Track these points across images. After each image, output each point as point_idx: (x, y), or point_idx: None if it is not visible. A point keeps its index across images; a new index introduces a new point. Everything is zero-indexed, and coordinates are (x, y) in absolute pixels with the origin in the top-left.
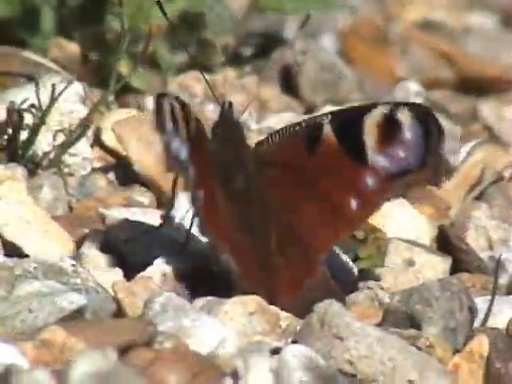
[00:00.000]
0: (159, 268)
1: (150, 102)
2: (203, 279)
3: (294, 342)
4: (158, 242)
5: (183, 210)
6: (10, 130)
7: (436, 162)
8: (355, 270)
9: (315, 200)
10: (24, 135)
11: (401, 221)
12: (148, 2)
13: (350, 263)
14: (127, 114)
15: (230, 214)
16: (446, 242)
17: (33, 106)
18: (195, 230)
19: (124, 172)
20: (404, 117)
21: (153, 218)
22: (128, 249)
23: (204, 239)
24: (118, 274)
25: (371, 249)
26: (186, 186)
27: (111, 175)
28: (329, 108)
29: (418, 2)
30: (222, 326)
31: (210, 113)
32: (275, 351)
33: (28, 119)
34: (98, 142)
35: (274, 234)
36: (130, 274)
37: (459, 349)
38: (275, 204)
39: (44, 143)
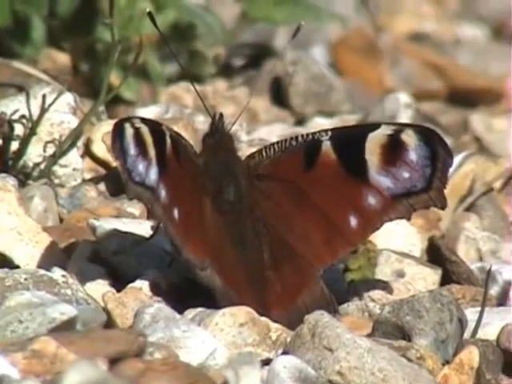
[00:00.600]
0: (149, 279)
1: (140, 113)
2: (193, 290)
3: (284, 353)
4: (149, 252)
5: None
6: (0, 141)
7: (442, 185)
8: (345, 281)
9: (311, 216)
10: (15, 146)
11: (391, 232)
12: (139, 13)
13: (340, 274)
14: None
15: (219, 227)
16: (436, 254)
17: (23, 116)
18: None
19: (114, 183)
20: (409, 138)
21: (143, 229)
22: (118, 260)
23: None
24: (107, 285)
25: (362, 260)
26: (154, 212)
27: (102, 186)
28: (319, 119)
29: (408, 13)
30: (213, 337)
31: (200, 124)
32: (266, 362)
33: (18, 130)
34: (88, 152)
35: (267, 248)
36: (120, 285)
37: (449, 360)
38: (269, 218)
39: (34, 154)
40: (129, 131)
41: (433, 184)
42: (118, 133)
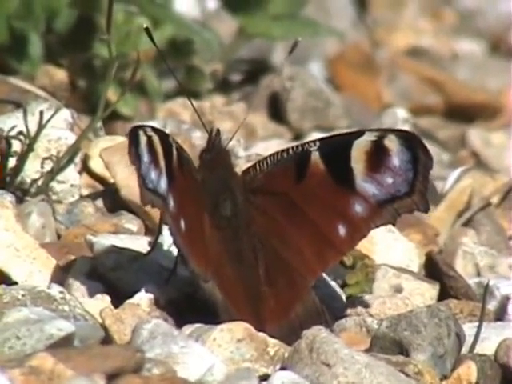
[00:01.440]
0: (147, 295)
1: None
2: (191, 306)
3: (282, 368)
4: (146, 268)
5: (171, 237)
6: None
7: (424, 188)
8: (343, 296)
9: (303, 227)
10: (12, 162)
11: (389, 247)
12: (136, 29)
13: (338, 290)
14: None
15: (217, 242)
16: (434, 269)
17: (21, 133)
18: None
19: (112, 199)
20: (391, 143)
21: (141, 244)
22: (116, 276)
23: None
24: (105, 301)
25: (359, 275)
26: (165, 219)
27: (99, 202)
28: (316, 135)
29: (405, 28)
30: (211, 353)
31: (197, 140)
32: (264, 378)
33: (16, 146)
34: (85, 168)
35: (262, 264)
36: (117, 301)
37: (447, 375)
38: (263, 232)
39: (32, 170)
40: (142, 138)
41: (415, 188)
42: (133, 138)
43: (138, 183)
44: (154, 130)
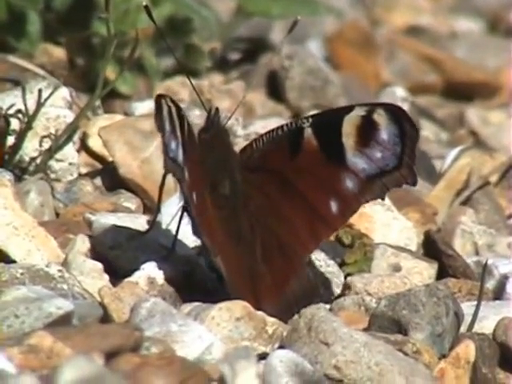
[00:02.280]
0: (146, 273)
1: (136, 107)
2: (190, 284)
3: (280, 347)
4: (145, 247)
5: (170, 216)
6: None
7: (411, 161)
8: (342, 275)
9: (296, 204)
10: (11, 141)
11: (387, 226)
12: (134, 7)
13: (337, 268)
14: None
15: (218, 219)
16: (432, 248)
17: (19, 111)
18: (182, 236)
19: (111, 177)
20: (380, 117)
21: (139, 223)
22: (114, 254)
23: (193, 242)
24: (104, 279)
25: (358, 254)
26: (181, 188)
27: (98, 181)
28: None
29: (403, 6)
30: (209, 332)
31: (196, 118)
32: (262, 357)
33: (15, 124)
34: (84, 147)
35: (258, 241)
36: (116, 280)
37: (446, 354)
38: (259, 209)
39: (31, 149)
40: (165, 108)
41: (403, 161)
42: (158, 106)
43: (163, 150)
44: (172, 101)
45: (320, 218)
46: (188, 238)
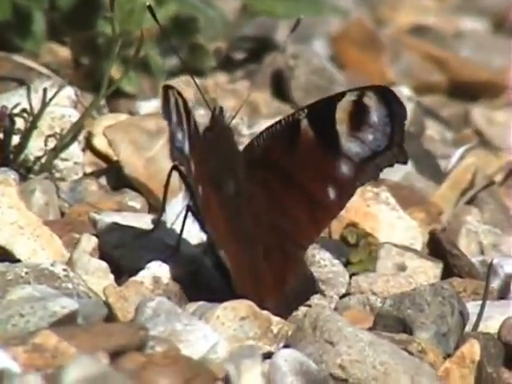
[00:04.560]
0: (151, 272)
1: (141, 107)
2: (195, 284)
3: (285, 346)
4: (150, 246)
5: (174, 215)
6: (1, 135)
7: (401, 140)
8: (347, 274)
9: (296, 195)
10: (16, 140)
11: (392, 226)
12: (139, 7)
13: (342, 268)
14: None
15: (223, 217)
16: (437, 247)
17: (24, 110)
18: (187, 235)
19: (115, 177)
20: (370, 100)
21: (144, 222)
22: (119, 253)
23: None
24: (109, 278)
25: (363, 253)
26: (186, 186)
27: (103, 180)
28: None
29: (408, 6)
30: (214, 331)
31: (200, 118)
32: (267, 356)
33: (20, 124)
34: (89, 146)
35: (260, 237)
36: (121, 279)
37: (451, 353)
38: (262, 207)
39: (36, 148)
40: (172, 98)
41: (393, 141)
42: (165, 97)
43: (169, 139)
44: (179, 94)
45: (320, 206)
46: (193, 237)
